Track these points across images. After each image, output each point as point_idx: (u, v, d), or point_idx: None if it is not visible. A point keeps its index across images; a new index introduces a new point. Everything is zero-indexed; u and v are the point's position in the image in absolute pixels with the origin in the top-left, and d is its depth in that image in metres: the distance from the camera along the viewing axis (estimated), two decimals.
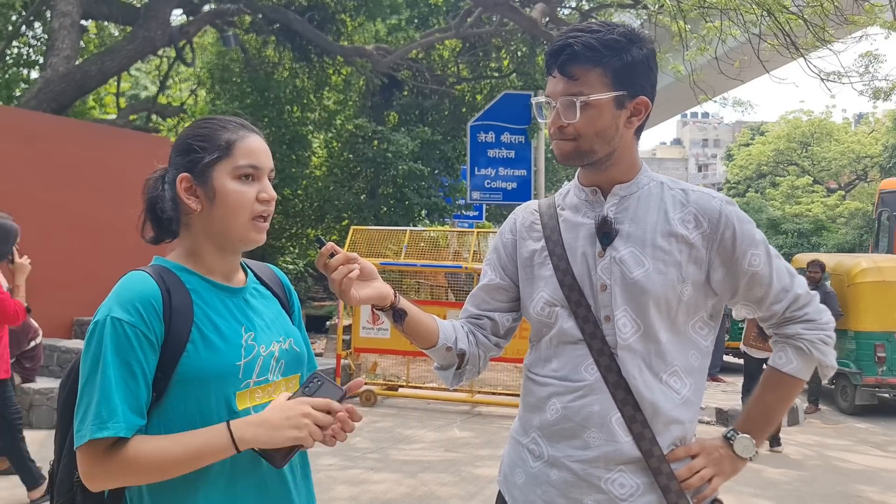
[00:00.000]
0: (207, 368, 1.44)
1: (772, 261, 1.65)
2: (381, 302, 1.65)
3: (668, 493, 1.58)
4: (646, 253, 1.61)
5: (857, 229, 32.46)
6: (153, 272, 1.48)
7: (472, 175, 14.69)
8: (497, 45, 16.39)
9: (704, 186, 1.80)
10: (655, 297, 1.59)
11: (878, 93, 11.77)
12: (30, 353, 7.02)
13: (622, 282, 1.61)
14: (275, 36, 15.19)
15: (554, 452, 1.65)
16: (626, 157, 1.67)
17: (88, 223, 9.25)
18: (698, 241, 1.62)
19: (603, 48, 1.57)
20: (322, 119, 16.55)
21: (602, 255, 1.64)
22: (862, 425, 8.54)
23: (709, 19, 10.89)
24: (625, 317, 1.61)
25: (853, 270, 9.23)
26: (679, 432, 1.63)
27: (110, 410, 1.35)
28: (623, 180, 1.68)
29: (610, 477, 1.59)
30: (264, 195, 1.52)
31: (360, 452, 6.35)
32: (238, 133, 1.53)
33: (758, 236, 1.65)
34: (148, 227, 1.56)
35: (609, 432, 1.59)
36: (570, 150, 1.64)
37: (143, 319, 1.40)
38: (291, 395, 1.48)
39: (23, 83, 16.05)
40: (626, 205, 1.66)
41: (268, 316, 1.60)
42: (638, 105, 1.63)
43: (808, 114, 41.55)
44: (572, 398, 1.63)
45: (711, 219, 1.62)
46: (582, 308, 1.64)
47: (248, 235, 1.52)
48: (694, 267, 1.62)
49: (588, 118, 1.59)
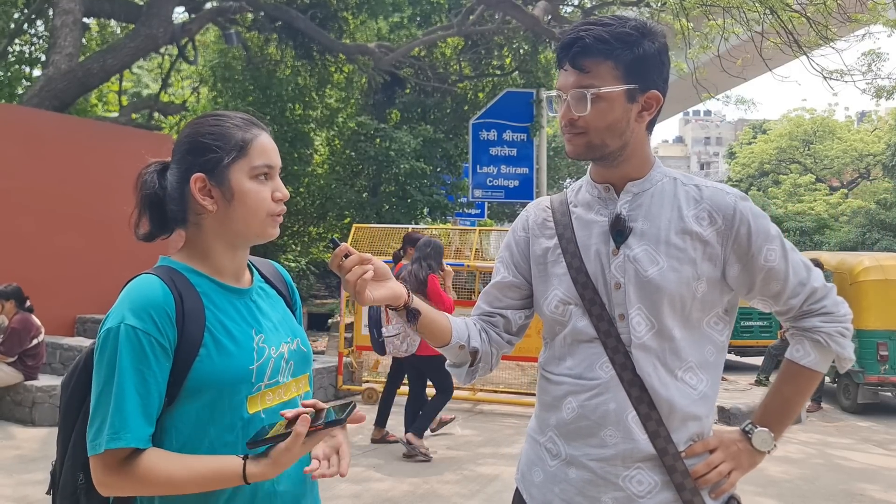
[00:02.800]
0: (220, 374, 1.44)
1: (788, 255, 1.64)
2: (394, 302, 1.64)
3: (683, 491, 1.58)
4: (660, 251, 1.60)
5: (859, 227, 32.39)
6: (163, 276, 1.47)
7: (475, 173, 14.70)
8: (499, 43, 16.37)
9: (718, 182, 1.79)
10: (670, 295, 1.59)
11: (880, 91, 11.75)
12: (32, 350, 7.03)
13: (636, 280, 1.61)
14: (277, 34, 15.19)
15: (571, 451, 1.65)
16: (638, 152, 1.66)
17: (90, 221, 9.26)
18: (713, 237, 1.61)
19: (614, 41, 1.56)
20: (324, 117, 16.56)
21: (616, 253, 1.63)
22: (864, 424, 8.53)
23: (711, 17, 10.88)
24: (639, 315, 1.60)
25: (856, 269, 9.21)
26: (696, 428, 1.63)
27: (123, 421, 1.35)
28: (636, 177, 1.67)
29: (628, 474, 1.59)
30: (279, 194, 1.53)
31: (362, 450, 6.35)
32: (251, 131, 1.52)
33: (773, 231, 1.64)
34: (144, 223, 1.55)
35: (625, 430, 1.59)
36: (581, 144, 1.63)
37: (157, 327, 1.40)
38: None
39: (25, 81, 16.08)
40: (640, 202, 1.65)
41: (275, 317, 1.60)
42: (649, 99, 1.62)
43: (811, 112, 41.51)
44: (588, 396, 1.63)
45: (726, 215, 1.61)
46: (596, 306, 1.64)
47: (266, 231, 1.53)
48: (709, 264, 1.61)
49: (599, 111, 1.58)
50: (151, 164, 1.57)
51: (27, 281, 8.06)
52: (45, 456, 5.91)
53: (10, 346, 6.88)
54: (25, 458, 5.89)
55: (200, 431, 1.43)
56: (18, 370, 6.98)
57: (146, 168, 1.57)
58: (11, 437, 6.51)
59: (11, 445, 6.26)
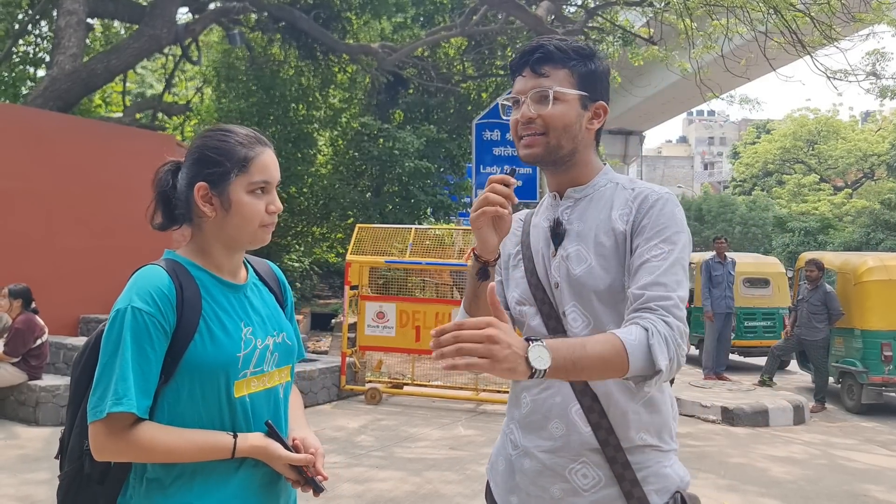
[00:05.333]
0: (211, 358, 1.61)
1: (671, 265, 1.59)
2: (483, 252, 1.70)
3: (623, 482, 1.63)
4: (590, 250, 1.68)
5: (863, 227, 32.33)
6: (167, 267, 1.65)
7: (478, 173, 14.65)
8: (502, 43, 16.37)
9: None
10: (597, 290, 1.65)
11: (884, 91, 11.74)
12: (36, 350, 7.05)
13: (568, 279, 1.69)
14: (280, 34, 15.21)
15: (525, 443, 1.74)
16: (584, 157, 1.75)
17: (94, 221, 9.28)
18: (628, 229, 1.66)
19: (572, 52, 1.70)
20: (327, 117, 16.57)
21: (554, 254, 1.73)
22: (868, 424, 8.51)
23: (715, 17, 10.87)
24: (574, 311, 1.69)
25: (860, 269, 9.19)
26: (639, 421, 1.65)
27: (127, 389, 1.52)
28: (580, 182, 1.76)
29: (573, 467, 1.66)
30: (272, 207, 1.70)
31: (364, 450, 6.36)
32: (254, 149, 1.68)
33: (672, 235, 1.61)
34: (158, 216, 1.73)
35: (569, 423, 1.67)
36: (539, 145, 1.70)
37: (160, 309, 1.57)
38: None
39: (29, 81, 16.12)
40: (579, 206, 1.75)
41: (264, 312, 1.77)
42: (598, 108, 1.74)
43: (815, 112, 41.47)
44: (538, 391, 1.72)
45: (640, 206, 1.66)
46: (546, 305, 1.73)
47: (257, 238, 1.71)
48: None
49: (557, 111, 1.68)
50: (168, 162, 1.75)
51: (31, 280, 8.08)
52: (49, 455, 5.92)
53: (14, 346, 6.90)
54: (29, 457, 5.91)
55: (191, 409, 1.61)
56: (22, 370, 7.00)
57: (163, 166, 1.75)
58: (15, 437, 6.52)
59: (15, 445, 6.27)
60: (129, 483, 1.63)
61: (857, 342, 9.01)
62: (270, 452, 1.65)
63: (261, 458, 1.65)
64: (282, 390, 1.76)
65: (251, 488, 1.66)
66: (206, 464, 1.60)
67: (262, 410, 1.69)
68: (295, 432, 1.77)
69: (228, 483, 1.63)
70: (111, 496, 1.64)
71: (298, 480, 1.69)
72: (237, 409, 1.64)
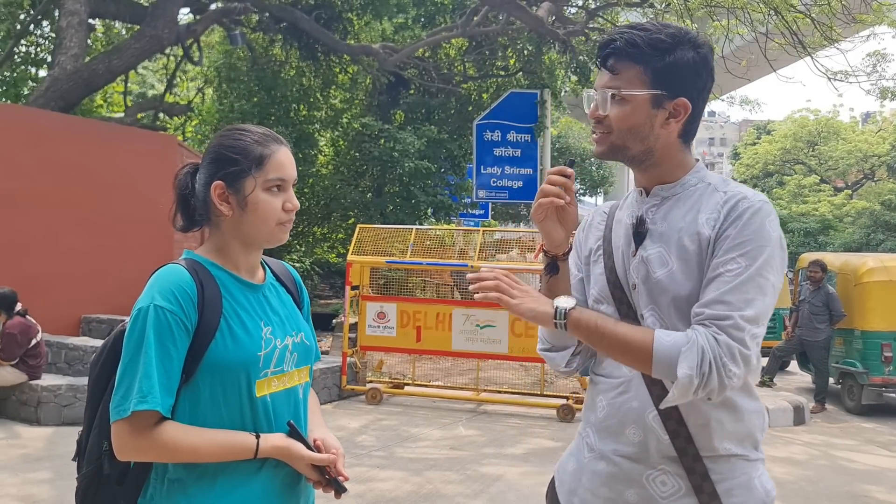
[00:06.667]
0: (232, 357, 1.60)
1: (745, 281, 1.49)
2: (551, 245, 1.69)
3: (701, 494, 1.57)
4: (672, 253, 1.59)
5: (864, 228, 32.34)
6: (188, 266, 1.65)
7: (479, 173, 14.69)
8: (503, 44, 16.35)
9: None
10: (676, 297, 1.57)
11: (885, 92, 11.74)
12: (32, 350, 7.05)
13: (647, 281, 1.62)
14: (282, 34, 15.21)
15: (601, 447, 1.68)
16: (668, 157, 1.65)
17: (96, 221, 9.28)
18: (713, 235, 1.56)
19: (646, 47, 1.58)
20: (328, 117, 16.56)
21: (634, 254, 1.65)
22: (868, 425, 8.52)
23: (716, 18, 10.87)
24: (652, 315, 1.61)
25: (860, 270, 9.19)
26: (721, 429, 1.58)
27: (151, 387, 1.51)
28: (667, 181, 1.67)
29: (651, 474, 1.60)
30: (289, 205, 1.69)
31: (365, 450, 6.37)
32: (270, 147, 1.68)
33: (755, 251, 1.51)
34: (178, 218, 1.74)
35: (647, 428, 1.60)
36: (604, 143, 1.66)
37: (182, 308, 1.57)
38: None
39: (31, 81, 16.12)
40: (665, 205, 1.66)
41: (283, 312, 1.76)
42: (677, 106, 1.61)
43: (815, 113, 41.44)
44: (615, 394, 1.66)
45: (730, 213, 1.55)
46: (624, 305, 1.66)
47: (274, 237, 1.70)
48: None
49: (621, 113, 1.61)
50: (187, 164, 1.76)
51: (32, 280, 8.09)
52: (51, 455, 5.93)
53: (10, 350, 6.89)
54: (30, 457, 5.92)
55: (212, 409, 1.60)
56: (21, 371, 7.01)
57: (182, 168, 1.76)
58: (17, 437, 6.53)
59: (17, 444, 6.28)
60: (150, 483, 1.62)
61: (857, 343, 9.02)
62: (293, 453, 1.64)
63: (283, 459, 1.64)
64: (301, 391, 1.76)
65: (273, 489, 1.65)
66: (228, 464, 1.59)
67: (283, 410, 1.68)
68: (314, 433, 1.77)
69: (251, 483, 1.62)
70: (131, 497, 1.62)
71: (320, 481, 1.68)
72: (259, 408, 1.63)
